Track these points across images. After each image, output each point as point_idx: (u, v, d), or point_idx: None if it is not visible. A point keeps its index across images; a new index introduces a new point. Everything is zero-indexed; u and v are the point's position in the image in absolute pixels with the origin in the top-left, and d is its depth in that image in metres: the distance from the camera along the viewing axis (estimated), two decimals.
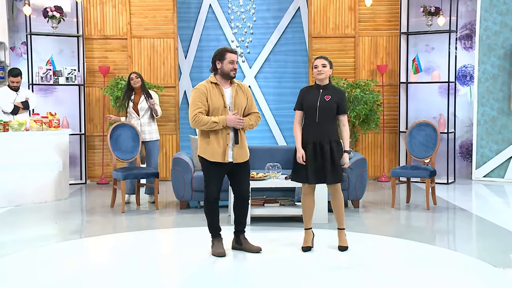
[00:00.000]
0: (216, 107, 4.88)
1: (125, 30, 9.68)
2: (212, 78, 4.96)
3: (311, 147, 5.01)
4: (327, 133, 5.01)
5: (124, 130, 7.50)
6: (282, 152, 7.83)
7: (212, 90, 4.90)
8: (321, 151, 4.99)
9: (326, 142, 4.99)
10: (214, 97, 4.89)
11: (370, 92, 9.11)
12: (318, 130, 5.01)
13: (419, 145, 7.46)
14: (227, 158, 4.90)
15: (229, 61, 4.90)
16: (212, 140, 4.89)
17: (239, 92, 5.00)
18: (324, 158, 4.98)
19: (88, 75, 9.63)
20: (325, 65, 5.05)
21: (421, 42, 9.68)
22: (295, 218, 6.53)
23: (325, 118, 5.01)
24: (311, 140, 5.02)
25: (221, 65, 4.92)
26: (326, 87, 5.08)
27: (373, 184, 9.30)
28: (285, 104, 10.12)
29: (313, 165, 4.99)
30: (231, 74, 4.92)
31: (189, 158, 7.37)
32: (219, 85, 4.93)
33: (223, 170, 4.98)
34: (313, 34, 9.75)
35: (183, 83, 10.05)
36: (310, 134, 5.04)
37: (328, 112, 5.01)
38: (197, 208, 7.26)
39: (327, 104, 5.01)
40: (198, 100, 4.86)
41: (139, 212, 7.11)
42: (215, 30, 10.09)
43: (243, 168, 5.03)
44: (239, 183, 5.04)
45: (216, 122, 4.82)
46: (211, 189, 4.94)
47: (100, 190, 8.88)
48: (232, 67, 4.91)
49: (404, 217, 6.86)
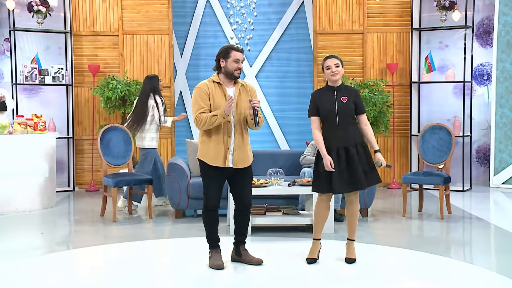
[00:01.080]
0: (218, 107, 4.88)
1: (116, 26, 9.69)
2: (215, 77, 4.97)
3: (335, 154, 4.97)
4: (351, 136, 5.00)
5: (115, 134, 7.50)
6: (284, 157, 7.83)
7: (214, 90, 4.92)
8: (346, 156, 4.96)
9: (351, 146, 4.98)
10: (216, 98, 4.90)
11: (379, 93, 9.11)
12: (341, 134, 4.99)
13: (432, 149, 7.46)
14: (227, 163, 4.91)
15: (233, 60, 4.91)
16: (213, 143, 4.90)
17: (243, 93, 5.01)
18: (352, 163, 4.96)
19: (76, 74, 9.64)
20: (338, 65, 5.04)
21: (434, 38, 9.69)
22: (299, 228, 6.52)
23: (346, 121, 5.01)
24: (334, 146, 4.99)
25: (225, 64, 4.93)
26: (340, 88, 5.07)
27: (383, 192, 9.30)
28: (288, 105, 10.12)
29: (340, 172, 4.96)
30: (235, 73, 4.93)
31: (185, 163, 7.37)
32: (222, 84, 4.94)
33: (223, 176, 4.98)
34: (318, 31, 9.75)
35: (178, 83, 10.06)
36: (333, 140, 5.00)
37: (348, 115, 5.01)
38: (193, 217, 7.25)
39: (345, 107, 5.00)
40: (200, 99, 4.88)
41: (131, 222, 7.10)
42: (213, 26, 10.11)
43: (245, 173, 5.03)
44: (240, 190, 5.03)
45: (215, 115, 4.83)
46: (211, 195, 4.94)
47: (89, 198, 8.88)
48: (237, 66, 4.91)
49: (416, 227, 6.85)
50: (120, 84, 8.99)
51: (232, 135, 4.93)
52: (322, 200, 5.12)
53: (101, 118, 9.70)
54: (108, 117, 9.65)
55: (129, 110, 9.10)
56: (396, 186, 9.59)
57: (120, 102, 9.16)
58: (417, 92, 9.73)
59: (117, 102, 9.08)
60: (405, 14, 9.75)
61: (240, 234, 5.14)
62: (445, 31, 9.56)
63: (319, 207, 5.13)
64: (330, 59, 5.06)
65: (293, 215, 6.52)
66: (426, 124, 8.87)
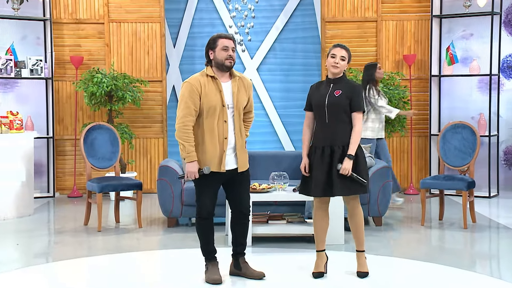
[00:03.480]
0: (212, 105, 4.86)
1: (102, 13, 9.70)
2: (208, 70, 4.94)
3: (319, 152, 5.01)
4: (340, 135, 5.00)
5: (100, 133, 7.51)
6: (289, 159, 7.84)
7: (207, 85, 4.89)
8: (330, 157, 4.98)
9: (337, 147, 4.98)
10: (210, 94, 4.87)
11: (395, 88, 9.12)
12: (328, 132, 5.01)
13: (454, 150, 7.46)
14: (223, 167, 4.92)
15: (221, 48, 4.88)
16: (207, 145, 4.89)
17: (241, 88, 4.99)
18: (333, 165, 4.97)
19: (57, 67, 9.65)
20: (344, 58, 5.05)
21: (457, 26, 9.69)
22: (305, 238, 6.53)
23: (336, 118, 5.01)
24: (319, 144, 5.03)
25: (213, 55, 4.92)
26: (338, 81, 5.08)
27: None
28: (293, 101, 10.12)
29: (319, 174, 4.99)
30: (226, 63, 4.90)
31: (179, 166, 7.38)
32: (216, 79, 4.92)
33: (218, 181, 4.99)
34: (327, 18, 9.76)
35: (171, 76, 10.07)
36: (320, 137, 5.05)
37: (338, 110, 5.00)
38: (187, 226, 7.26)
39: (336, 100, 5.00)
40: (189, 97, 4.84)
41: (119, 231, 7.11)
42: (210, 13, 10.11)
43: (242, 177, 5.04)
44: (237, 196, 5.04)
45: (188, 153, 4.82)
46: (204, 203, 4.94)
47: (71, 205, 8.89)
48: (227, 54, 4.88)
49: (436, 237, 6.85)
50: (106, 78, 9.00)
51: (231, 136, 4.93)
52: (318, 207, 5.15)
53: (85, 115, 9.71)
54: (93, 114, 9.66)
55: (115, 106, 9.12)
56: (413, 192, 9.59)
57: (106, 98, 9.17)
58: (438, 86, 9.73)
59: (102, 98, 9.09)
60: (424, 0, 9.76)
61: (238, 244, 5.15)
62: (469, 18, 9.56)
63: (316, 216, 5.16)
64: (339, 49, 5.06)
65: (299, 223, 6.53)
66: (448, 122, 8.87)
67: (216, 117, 4.87)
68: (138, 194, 7.23)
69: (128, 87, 9.16)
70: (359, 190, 5.02)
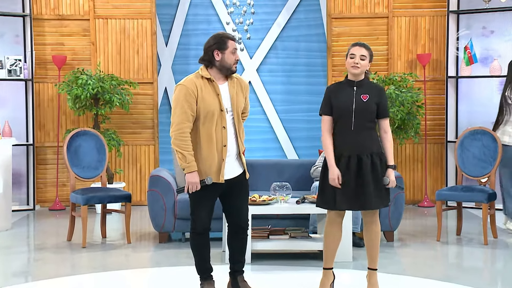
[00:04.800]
0: (210, 110, 4.86)
1: (87, 8, 9.72)
2: (204, 72, 4.94)
3: (344, 162, 4.99)
4: (367, 143, 5.01)
5: (85, 140, 7.51)
6: (292, 168, 7.84)
7: (204, 88, 4.89)
8: (358, 167, 4.97)
9: (365, 155, 4.98)
10: (208, 97, 4.87)
11: (408, 90, 9.13)
12: (354, 140, 5.00)
13: (473, 159, 7.46)
14: (222, 177, 4.92)
15: (231, 51, 4.92)
16: (204, 154, 4.89)
17: (238, 90, 5.01)
18: (363, 176, 4.96)
19: (37, 67, 9.66)
20: (364, 58, 5.04)
21: (476, 23, 9.69)
22: (310, 255, 6.53)
23: (364, 125, 5.01)
24: (345, 153, 5.00)
25: (221, 57, 4.92)
26: (362, 84, 5.07)
27: (412, 210, 9.31)
28: (296, 105, 10.13)
29: (347, 185, 4.97)
30: (233, 68, 4.95)
31: (171, 176, 7.38)
32: (214, 81, 4.93)
33: (216, 192, 4.99)
34: (333, 14, 9.78)
35: (163, 78, 10.08)
36: (344, 145, 5.02)
37: (367, 116, 5.01)
38: (181, 241, 7.26)
39: (365, 106, 5.00)
40: (185, 101, 4.83)
41: (105, 247, 7.10)
42: (205, 8, 10.13)
43: (241, 187, 5.05)
44: (235, 208, 5.05)
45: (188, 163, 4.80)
46: (200, 216, 4.94)
47: (53, 219, 8.89)
48: (235, 59, 4.94)
49: (453, 254, 6.85)
50: (92, 79, 9.00)
51: (231, 143, 4.93)
52: (332, 220, 5.13)
53: (68, 120, 9.72)
54: (77, 119, 9.67)
55: (102, 111, 9.12)
56: (428, 204, 9.59)
57: (92, 101, 9.18)
58: (455, 89, 9.74)
59: (87, 101, 9.10)
60: None
61: (236, 261, 5.15)
62: (490, 14, 9.57)
63: (329, 229, 5.14)
64: (358, 48, 5.05)
65: (303, 239, 6.52)
66: (466, 128, 8.87)
67: (214, 122, 4.87)
68: (126, 207, 7.22)
69: (116, 90, 9.17)
70: (388, 202, 5.11)
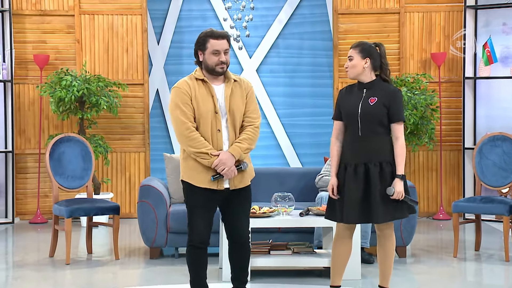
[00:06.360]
0: (204, 112, 4.91)
1: (72, 3, 9.72)
2: (198, 73, 5.02)
3: (351, 171, 5.05)
4: (376, 151, 5.05)
5: (69, 146, 7.51)
6: (295, 178, 7.87)
7: (198, 89, 4.95)
8: (365, 176, 5.02)
9: (373, 164, 5.02)
10: (201, 99, 4.93)
11: (421, 92, 9.14)
12: (361, 147, 5.06)
13: (493, 167, 7.46)
14: (221, 184, 4.97)
15: (212, 52, 4.95)
16: None
17: (236, 91, 5.03)
18: (370, 187, 5.01)
19: (17, 67, 9.68)
20: (351, 57, 5.14)
21: (495, 19, 9.69)
22: (315, 272, 6.53)
23: (372, 130, 5.06)
24: (352, 161, 5.06)
25: (203, 58, 5.00)
26: (372, 86, 5.13)
27: (426, 224, 9.32)
28: (300, 108, 10.12)
29: (354, 196, 5.01)
30: (216, 69, 4.96)
31: (163, 185, 7.41)
32: (207, 82, 4.98)
33: (215, 201, 5.02)
34: (340, 10, 9.81)
35: (154, 79, 10.08)
36: (351, 153, 5.08)
37: (374, 121, 5.05)
38: (174, 257, 7.26)
39: (371, 109, 5.04)
40: (181, 103, 4.89)
41: (91, 264, 7.11)
42: (200, 3, 10.13)
43: (243, 196, 5.08)
44: (235, 219, 5.06)
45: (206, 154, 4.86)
46: (197, 227, 4.95)
47: (34, 233, 8.89)
48: (217, 60, 4.94)
49: (471, 271, 6.86)
50: (77, 80, 9.01)
51: (227, 147, 4.97)
52: (340, 234, 5.17)
53: (51, 125, 9.73)
54: (61, 124, 9.67)
55: (88, 115, 9.12)
56: (444, 217, 9.60)
57: (77, 104, 9.19)
58: (472, 91, 9.75)
59: (72, 104, 9.11)
60: None
61: (236, 279, 5.16)
62: (511, 9, 9.61)
63: (337, 244, 5.18)
64: (349, 51, 5.19)
65: (307, 254, 6.52)
66: (485, 133, 8.88)
67: (209, 125, 4.93)
68: (114, 220, 7.21)
69: (103, 92, 9.16)
70: (403, 215, 5.08)
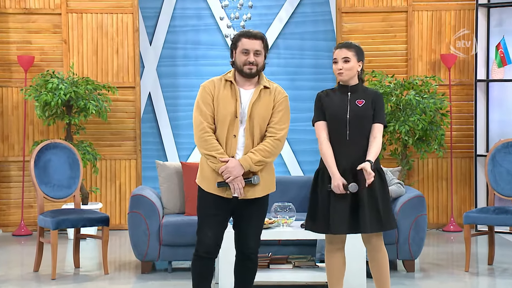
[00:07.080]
0: (223, 114, 4.93)
1: (58, 1, 9.73)
2: (229, 74, 5.07)
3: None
4: (364, 155, 5.06)
5: (56, 153, 7.50)
6: (296, 187, 7.86)
7: (222, 90, 4.98)
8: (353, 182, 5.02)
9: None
10: (223, 101, 4.95)
11: (430, 96, 9.13)
12: (349, 151, 5.09)
13: (507, 176, 7.46)
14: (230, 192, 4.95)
15: (241, 51, 4.99)
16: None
17: (263, 98, 5.03)
18: (358, 194, 5.01)
19: (0, 69, 9.67)
20: (348, 59, 5.12)
21: (509, 18, 9.71)
22: (316, 287, 6.52)
23: (360, 134, 5.10)
24: (339, 167, 5.07)
25: (234, 56, 5.05)
26: (356, 88, 5.18)
27: (436, 236, 9.32)
28: (301, 113, 10.12)
29: (342, 205, 5.02)
30: (244, 69, 4.99)
31: (156, 195, 7.37)
32: (234, 84, 5.00)
33: (227, 209, 5.02)
34: (344, 8, 9.81)
35: (146, 81, 10.08)
36: (338, 158, 5.09)
37: (363, 125, 5.10)
38: (167, 271, 7.24)
39: (361, 112, 5.10)
40: (202, 103, 4.97)
41: (79, 279, 7.09)
42: (195, 1, 10.15)
43: (254, 208, 5.05)
44: (243, 232, 5.07)
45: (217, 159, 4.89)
46: (205, 236, 4.96)
47: (17, 246, 8.88)
48: (245, 59, 4.97)
49: (485, 286, 6.85)
50: (64, 83, 9.01)
51: (240, 154, 4.96)
52: (333, 247, 5.17)
53: (36, 131, 9.73)
54: (47, 129, 9.67)
55: (76, 120, 9.10)
56: (455, 228, 9.59)
57: (64, 108, 9.18)
58: (485, 94, 9.74)
59: (59, 108, 9.11)
60: None
61: None
62: None
63: (329, 258, 5.19)
64: (338, 50, 5.17)
65: (308, 268, 6.54)
66: (498, 139, 8.88)
67: (226, 129, 4.96)
68: (104, 232, 7.21)
69: (91, 95, 9.17)
70: (390, 225, 5.08)
